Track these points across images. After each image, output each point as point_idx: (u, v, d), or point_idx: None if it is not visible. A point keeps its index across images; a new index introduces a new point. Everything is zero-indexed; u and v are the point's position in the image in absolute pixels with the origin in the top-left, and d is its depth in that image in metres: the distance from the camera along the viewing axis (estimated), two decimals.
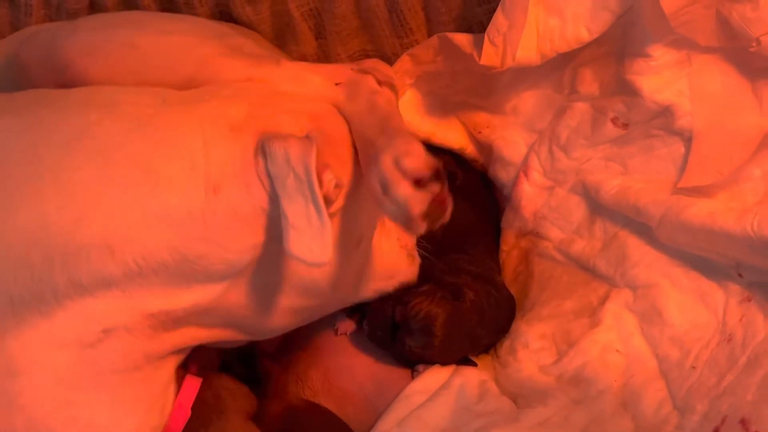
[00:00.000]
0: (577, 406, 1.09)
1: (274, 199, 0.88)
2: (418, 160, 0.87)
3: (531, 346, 1.20)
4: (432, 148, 1.21)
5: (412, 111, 1.35)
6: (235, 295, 0.95)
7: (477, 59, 1.20)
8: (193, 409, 1.04)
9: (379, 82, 1.09)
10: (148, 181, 0.87)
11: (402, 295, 1.14)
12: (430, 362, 1.19)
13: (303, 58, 1.36)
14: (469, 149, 1.41)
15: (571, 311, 1.22)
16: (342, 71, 1.10)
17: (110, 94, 0.97)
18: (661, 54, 1.14)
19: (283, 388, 1.17)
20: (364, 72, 1.10)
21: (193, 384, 1.06)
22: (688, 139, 1.16)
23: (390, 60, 1.32)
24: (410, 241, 1.15)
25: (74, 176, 0.86)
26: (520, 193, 1.33)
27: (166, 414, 1.02)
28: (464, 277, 1.19)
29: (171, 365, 1.01)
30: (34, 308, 0.85)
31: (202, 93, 0.98)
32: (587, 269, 1.25)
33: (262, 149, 0.88)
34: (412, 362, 1.20)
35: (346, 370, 1.19)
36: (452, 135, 1.39)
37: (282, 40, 1.33)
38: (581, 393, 1.11)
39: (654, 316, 1.13)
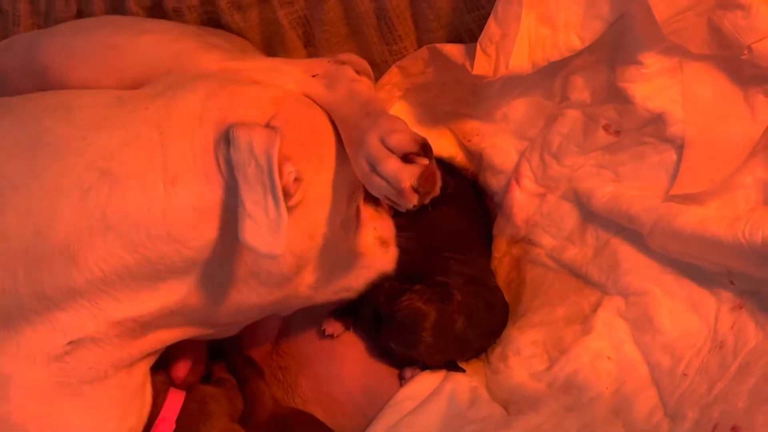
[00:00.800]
0: (568, 413, 1.09)
1: (232, 189, 0.88)
2: (405, 136, 0.88)
3: (522, 353, 1.20)
4: None
5: None
6: (200, 294, 0.94)
7: (469, 69, 1.19)
8: (177, 421, 1.05)
9: (357, 72, 1.09)
10: (106, 182, 0.87)
11: (396, 293, 1.15)
12: (413, 361, 1.20)
13: None
14: (459, 158, 1.40)
15: (563, 318, 1.22)
16: (319, 64, 1.10)
17: (66, 99, 0.96)
18: (653, 61, 1.14)
19: (261, 394, 1.17)
20: (341, 63, 1.10)
21: (176, 398, 1.07)
22: (680, 147, 1.16)
23: (379, 67, 1.31)
24: (386, 230, 1.14)
25: (32, 185, 0.86)
26: (511, 200, 1.33)
27: (144, 413, 1.02)
28: (455, 279, 1.19)
29: (144, 366, 1.01)
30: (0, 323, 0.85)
31: (158, 85, 0.97)
32: (579, 276, 1.24)
33: (225, 136, 0.88)
34: (400, 360, 1.21)
35: (335, 377, 1.20)
36: (442, 144, 1.38)
37: (271, 47, 1.33)
38: (573, 400, 1.11)
39: (646, 323, 1.13)
